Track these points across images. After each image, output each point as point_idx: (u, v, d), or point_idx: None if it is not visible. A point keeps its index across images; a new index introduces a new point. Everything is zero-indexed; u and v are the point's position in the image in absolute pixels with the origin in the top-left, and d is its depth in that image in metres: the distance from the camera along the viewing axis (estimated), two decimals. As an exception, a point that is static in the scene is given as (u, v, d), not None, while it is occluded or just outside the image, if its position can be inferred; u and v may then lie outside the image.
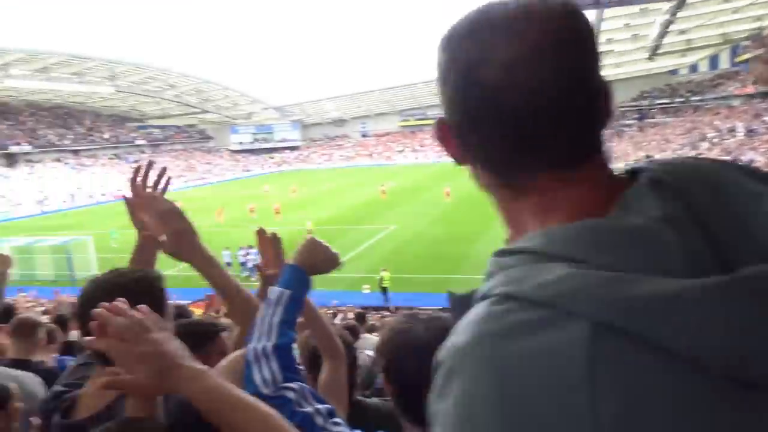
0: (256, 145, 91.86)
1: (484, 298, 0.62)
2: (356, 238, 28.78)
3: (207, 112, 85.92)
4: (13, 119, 66.85)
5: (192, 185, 68.07)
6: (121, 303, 1.05)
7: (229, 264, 23.06)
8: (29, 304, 13.20)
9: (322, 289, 18.92)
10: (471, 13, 0.67)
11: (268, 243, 1.85)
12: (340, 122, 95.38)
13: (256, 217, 36.86)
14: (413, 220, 32.63)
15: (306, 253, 1.58)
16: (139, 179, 1.70)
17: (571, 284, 0.54)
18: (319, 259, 1.59)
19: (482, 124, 0.67)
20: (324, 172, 74.43)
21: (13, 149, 61.27)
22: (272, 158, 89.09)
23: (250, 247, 23.62)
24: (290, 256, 1.62)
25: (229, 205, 42.53)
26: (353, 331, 5.22)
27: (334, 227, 32.01)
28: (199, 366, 1.09)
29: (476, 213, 33.62)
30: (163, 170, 1.77)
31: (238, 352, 1.57)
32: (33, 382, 2.84)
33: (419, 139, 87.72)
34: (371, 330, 8.07)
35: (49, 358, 3.64)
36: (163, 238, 1.47)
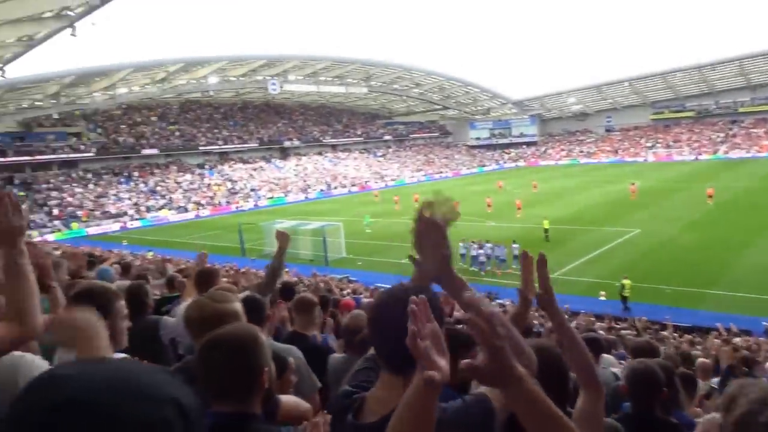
0: (493, 141, 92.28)
1: None
2: (595, 241, 27.09)
3: (448, 108, 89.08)
4: (287, 118, 78.17)
5: (430, 178, 71.53)
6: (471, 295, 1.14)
7: (462, 256, 23.79)
8: (293, 279, 15.39)
9: (556, 292, 18.32)
10: None
11: (530, 265, 1.85)
12: (582, 116, 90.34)
13: (492, 212, 37.21)
14: (662, 225, 29.42)
15: None
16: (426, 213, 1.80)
17: None
18: None
19: None
20: (562, 169, 71.50)
21: (287, 144, 71.71)
22: (508, 154, 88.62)
23: (486, 242, 23.93)
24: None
25: (466, 199, 43.57)
26: (596, 345, 4.84)
27: (572, 227, 30.59)
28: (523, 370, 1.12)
29: (744, 219, 29.00)
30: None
31: None
32: (297, 356, 3.26)
33: (674, 134, 78.43)
34: (609, 347, 7.52)
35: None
36: (426, 260, 1.53)
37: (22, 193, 47.02)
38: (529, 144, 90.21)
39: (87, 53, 77.10)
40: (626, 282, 18.09)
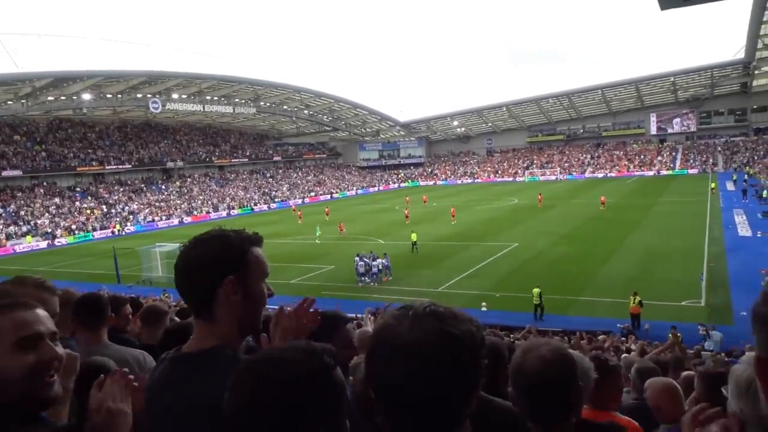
0: (382, 162, 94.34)
1: None
2: (475, 255, 28.29)
3: (337, 130, 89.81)
4: (171, 138, 74.65)
5: (321, 199, 71.40)
6: None
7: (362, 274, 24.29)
8: (173, 304, 14.53)
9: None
10: None
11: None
12: (465, 138, 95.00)
13: (385, 230, 37.74)
14: (536, 239, 31.44)
15: None
16: None
17: None
18: None
19: None
20: (447, 188, 74.40)
21: (170, 165, 68.38)
22: (397, 174, 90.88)
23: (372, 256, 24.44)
24: None
25: (356, 219, 43.87)
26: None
27: (454, 243, 31.77)
28: None
29: (607, 233, 31.74)
30: None
31: None
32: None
33: (547, 156, 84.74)
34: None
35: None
36: None
37: None
38: (416, 165, 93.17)
39: (-65, 64, 69.02)
40: (535, 290, 18.88)
